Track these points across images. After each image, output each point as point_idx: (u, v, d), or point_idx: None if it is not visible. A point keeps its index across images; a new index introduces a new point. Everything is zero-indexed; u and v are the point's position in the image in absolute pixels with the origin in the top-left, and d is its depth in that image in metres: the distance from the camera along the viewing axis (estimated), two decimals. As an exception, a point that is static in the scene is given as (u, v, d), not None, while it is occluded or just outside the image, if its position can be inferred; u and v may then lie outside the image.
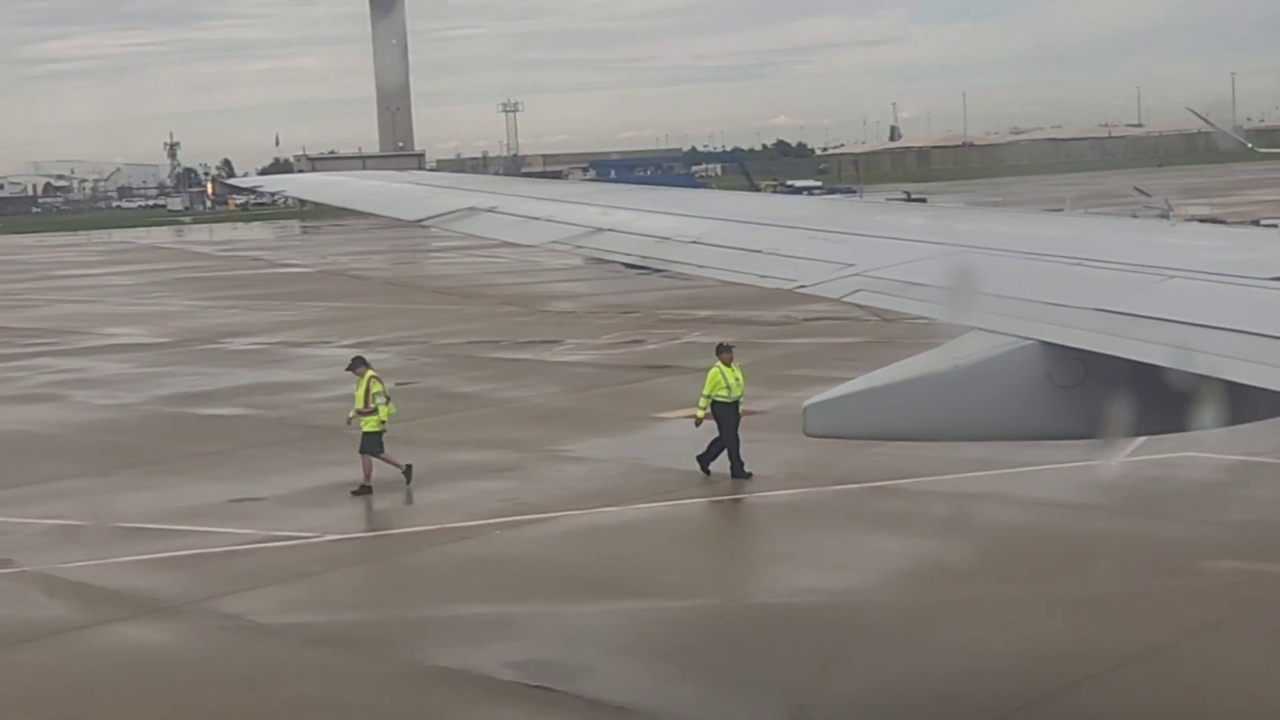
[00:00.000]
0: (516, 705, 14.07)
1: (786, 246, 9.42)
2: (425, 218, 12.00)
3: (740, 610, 16.83)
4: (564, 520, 21.00)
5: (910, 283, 8.33)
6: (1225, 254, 8.74)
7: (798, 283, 8.77)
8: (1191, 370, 6.75)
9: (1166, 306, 7.28)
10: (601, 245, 10.41)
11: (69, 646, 16.58)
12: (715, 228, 10.14)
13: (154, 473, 25.83)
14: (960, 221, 12.20)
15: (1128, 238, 10.09)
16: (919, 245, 9.12)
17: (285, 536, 20.70)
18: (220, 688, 15.00)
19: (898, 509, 21.06)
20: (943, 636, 15.49)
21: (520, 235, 11.07)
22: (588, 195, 12.70)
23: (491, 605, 17.34)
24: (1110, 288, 7.74)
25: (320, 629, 16.72)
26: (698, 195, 15.09)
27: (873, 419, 8.93)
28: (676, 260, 9.81)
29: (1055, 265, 8.47)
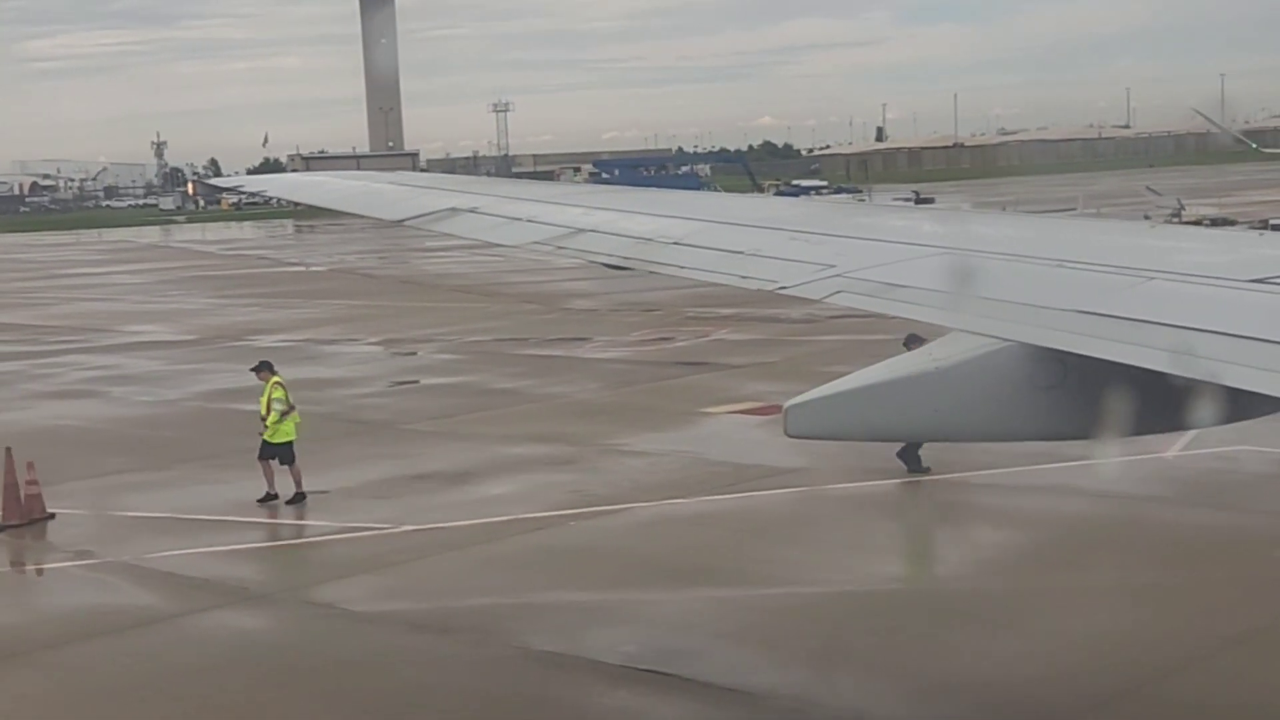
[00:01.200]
0: (630, 688, 14.31)
1: (768, 248, 9.43)
2: (406, 218, 12.07)
3: (834, 598, 17.10)
4: (635, 512, 21.24)
5: (891, 284, 8.34)
6: (1205, 256, 8.79)
7: (779, 284, 8.81)
8: (1171, 372, 6.71)
9: (1146, 308, 7.28)
10: (583, 246, 10.41)
11: (172, 633, 16.81)
12: (697, 229, 10.17)
13: (213, 466, 26.03)
14: (941, 223, 12.31)
15: (1108, 240, 10.15)
16: (900, 247, 9.19)
17: (360, 527, 20.92)
18: (333, 673, 15.24)
19: (962, 500, 21.36)
20: (1038, 623, 15.77)
21: (501, 236, 11.14)
22: (569, 196, 12.78)
23: (583, 593, 17.62)
24: (1090, 289, 7.75)
25: (418, 616, 16.96)
26: (679, 197, 15.22)
27: (854, 420, 8.94)
28: (658, 261, 9.83)
29: (1036, 267, 8.45)
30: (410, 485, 23.64)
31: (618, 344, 40.31)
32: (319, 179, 18.28)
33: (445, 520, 21.19)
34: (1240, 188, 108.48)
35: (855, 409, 8.85)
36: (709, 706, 13.82)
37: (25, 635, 16.88)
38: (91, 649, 16.35)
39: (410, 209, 12.18)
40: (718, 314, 44.36)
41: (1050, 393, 8.35)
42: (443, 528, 20.91)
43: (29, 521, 21.81)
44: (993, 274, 8.27)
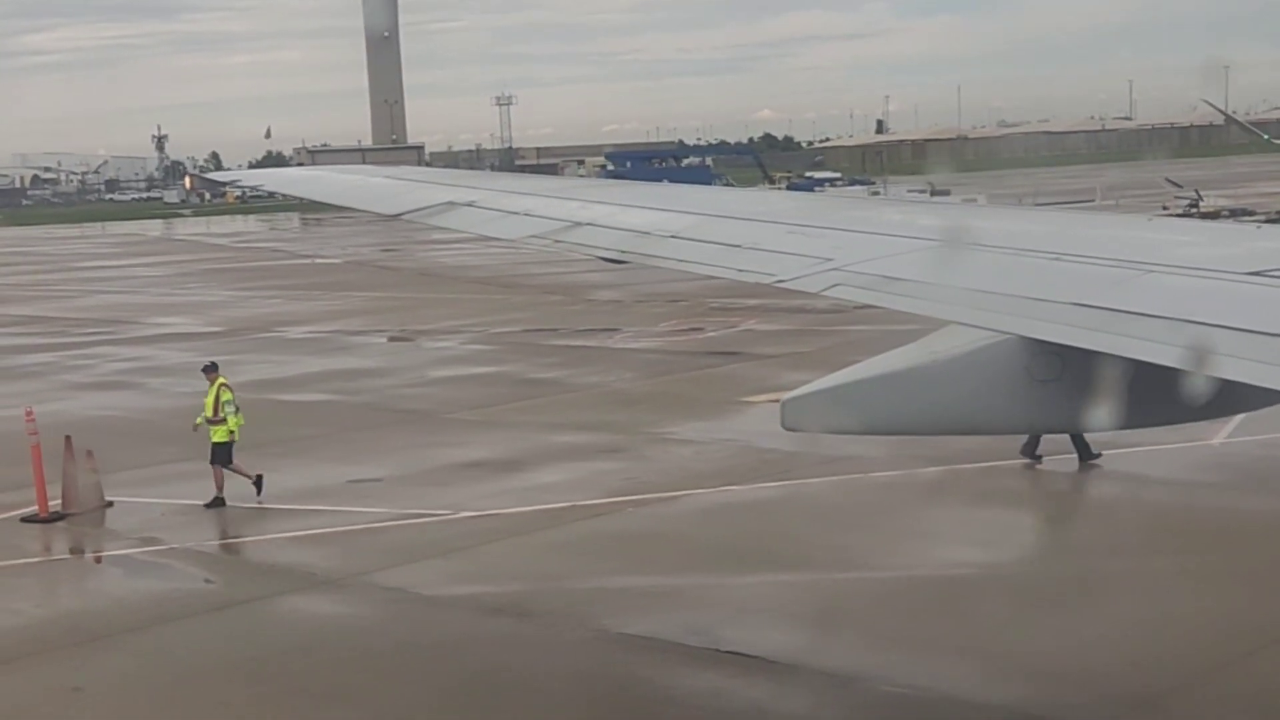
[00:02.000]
0: (717, 669, 14.47)
1: (766, 241, 9.46)
2: (404, 212, 12.13)
3: (904, 581, 17.28)
4: (692, 499, 21.41)
5: (889, 277, 8.33)
6: (1203, 249, 8.77)
7: (776, 277, 8.82)
8: (1169, 364, 6.69)
9: (1144, 301, 7.25)
10: (580, 240, 10.45)
11: (249, 617, 17.00)
12: (694, 223, 10.21)
13: (262, 455, 26.06)
14: (939, 217, 12.26)
15: (1106, 233, 10.13)
16: (898, 240, 9.18)
17: (419, 514, 21.09)
18: (415, 656, 15.40)
19: (1015, 487, 21.53)
20: (1108, 607, 15.93)
21: (499, 230, 11.19)
22: (566, 190, 12.83)
23: (654, 578, 17.80)
24: (1088, 282, 7.71)
25: (492, 600, 17.13)
26: (677, 190, 15.32)
27: (852, 413, 8.94)
28: (656, 255, 9.83)
29: (1034, 260, 8.44)
30: (462, 473, 23.82)
31: (647, 334, 40.48)
32: (316, 173, 18.32)
33: (503, 507, 21.36)
34: (1249, 179, 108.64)
35: (853, 402, 8.84)
36: (800, 688, 13.99)
37: (106, 619, 17.06)
38: (172, 632, 16.53)
39: (407, 203, 12.23)
40: (743, 305, 44.48)
41: (1048, 385, 8.34)
42: (502, 514, 21.08)
43: (88, 509, 21.96)
44: (991, 267, 8.30)
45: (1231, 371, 6.46)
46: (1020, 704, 13.35)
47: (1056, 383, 8.27)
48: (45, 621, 17.24)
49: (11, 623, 17.20)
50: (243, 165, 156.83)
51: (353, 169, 16.64)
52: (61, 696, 14.69)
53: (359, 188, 14.15)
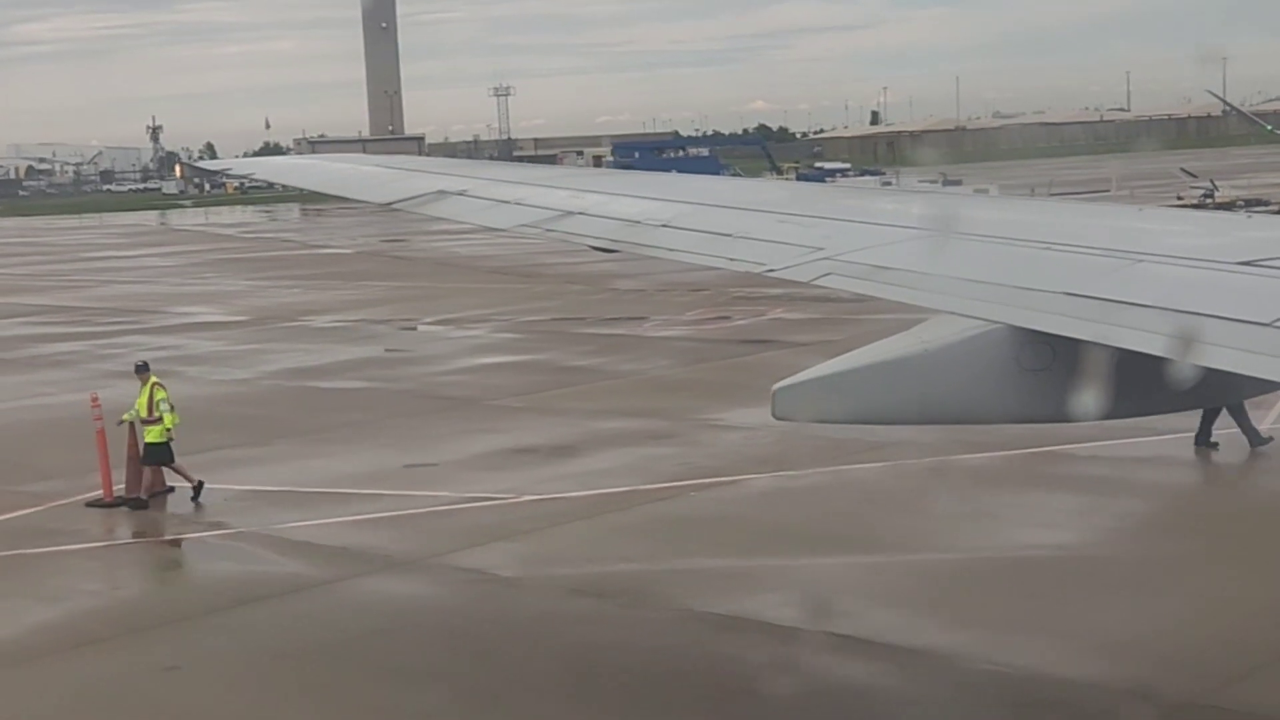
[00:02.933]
0: (809, 647, 14.68)
1: (756, 230, 9.49)
2: (395, 201, 12.15)
3: (974, 563, 17.49)
4: (751, 483, 21.61)
5: (880, 266, 8.35)
6: (1194, 239, 8.78)
7: (767, 266, 8.86)
8: (1158, 354, 6.71)
9: (1134, 291, 7.25)
10: (571, 229, 10.50)
11: (330, 598, 17.19)
12: (685, 211, 10.24)
13: (313, 441, 26.39)
14: (930, 206, 12.33)
15: (1097, 223, 10.16)
16: (888, 229, 9.21)
17: (481, 498, 21.28)
18: (502, 636, 15.61)
19: (1071, 472, 21.68)
20: (1186, 587, 16.16)
21: (490, 219, 11.22)
22: (556, 179, 12.84)
23: (726, 559, 18.01)
24: (1079, 272, 7.71)
25: (570, 581, 17.33)
26: (668, 179, 15.42)
27: (842, 402, 8.95)
28: (647, 243, 9.90)
29: (1024, 249, 8.44)
30: (517, 458, 24.01)
31: (676, 323, 40.68)
32: (307, 162, 18.42)
33: (564, 491, 21.56)
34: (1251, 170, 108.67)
35: (844, 391, 8.86)
36: (896, 665, 14.18)
37: (189, 601, 17.30)
38: (258, 613, 16.73)
39: (399, 192, 12.24)
40: (767, 294, 44.58)
41: (1038, 375, 8.35)
42: (563, 498, 21.27)
43: (150, 495, 22.14)
44: (981, 256, 8.34)
45: (1222, 361, 6.46)
46: (1118, 681, 13.55)
47: (1046, 372, 8.28)
48: (130, 603, 17.47)
49: (96, 604, 17.43)
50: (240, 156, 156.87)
51: (344, 157, 16.71)
52: (159, 676, 14.88)
53: (350, 176, 14.15)
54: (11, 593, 18.08)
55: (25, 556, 19.48)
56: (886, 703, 13.30)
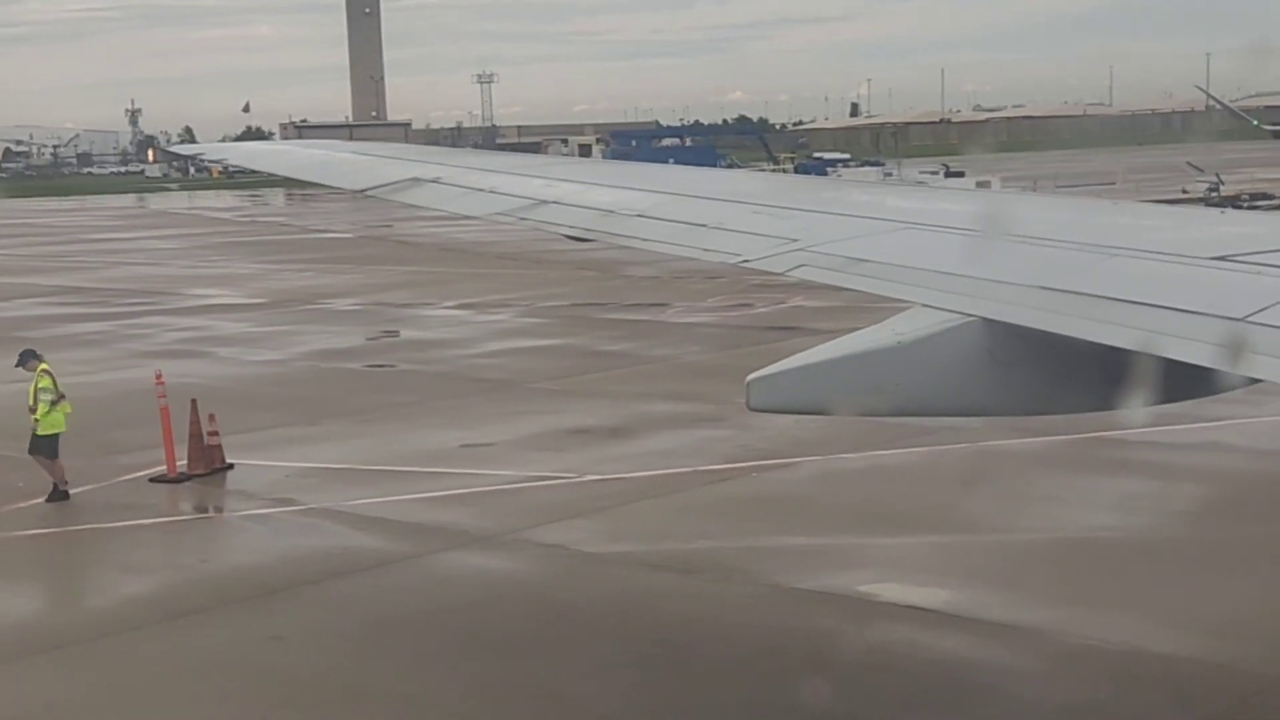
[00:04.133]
0: (903, 622, 15.06)
1: (731, 221, 9.53)
2: (369, 187, 12.19)
3: (1049, 543, 17.88)
4: (808, 465, 21.95)
5: (854, 259, 8.42)
6: (1168, 234, 8.84)
7: (741, 257, 8.92)
8: (1133, 348, 6.76)
9: (1109, 285, 7.27)
10: (546, 217, 10.50)
11: (417, 572, 17.50)
12: (660, 201, 10.28)
13: (362, 421, 26.68)
14: (905, 199, 12.41)
15: (1073, 217, 10.16)
16: (863, 221, 9.29)
17: (545, 477, 21.61)
18: (594, 609, 15.96)
19: (1126, 457, 22.05)
20: (1261, 568, 16.57)
21: (464, 206, 11.27)
22: (531, 167, 12.93)
23: (803, 538, 18.37)
24: (1053, 266, 7.76)
25: (651, 558, 17.68)
26: (642, 169, 15.46)
27: (816, 394, 8.84)
28: (621, 233, 9.92)
29: (1000, 242, 8.48)
30: (570, 439, 24.34)
31: (698, 309, 41.01)
32: (281, 148, 18.50)
33: (626, 471, 21.87)
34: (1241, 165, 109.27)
35: (818, 383, 8.74)
36: (991, 639, 14.53)
37: (278, 574, 17.54)
38: (348, 586, 17.03)
39: (373, 178, 12.31)
40: (784, 282, 44.77)
41: (1012, 368, 8.36)
42: (627, 478, 21.58)
43: (211, 471, 22.43)
44: (956, 249, 8.47)
45: (1195, 355, 6.52)
46: (1211, 655, 13.93)
47: (1019, 365, 8.25)
48: (220, 576, 17.71)
49: (187, 576, 17.70)
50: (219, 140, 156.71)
51: (319, 144, 16.74)
52: (267, 645, 15.18)
53: (324, 162, 14.17)
54: (99, 565, 18.40)
55: (103, 530, 19.76)
56: (989, 674, 13.65)
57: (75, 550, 18.95)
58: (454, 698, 13.51)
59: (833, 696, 13.09)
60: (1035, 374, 8.20)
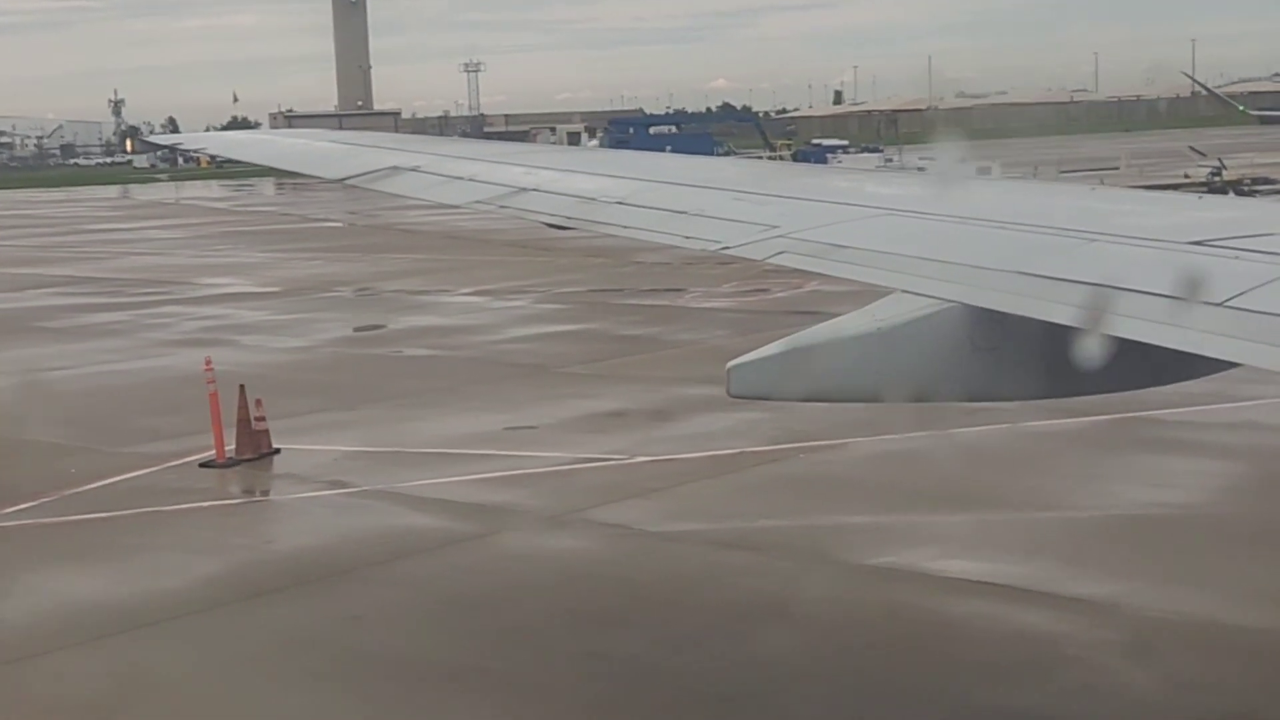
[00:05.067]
0: (978, 597, 15.26)
1: (711, 208, 9.53)
2: (347, 176, 12.18)
3: (1105, 520, 18.10)
4: (855, 446, 22.12)
5: (834, 245, 8.40)
6: (1146, 219, 8.77)
7: (721, 244, 8.92)
8: (1111, 333, 6.76)
9: (1087, 270, 7.28)
10: (525, 205, 10.47)
11: (486, 551, 17.70)
12: (640, 188, 10.21)
13: (400, 406, 26.85)
14: (884, 185, 12.40)
15: (1052, 202, 10.19)
16: (844, 208, 9.25)
17: (594, 459, 21.81)
18: (671, 586, 16.16)
19: (1167, 436, 22.28)
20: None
21: (443, 195, 11.29)
22: (511, 155, 12.97)
23: (864, 516, 18.60)
24: (1032, 251, 7.77)
25: (718, 536, 17.88)
26: (623, 155, 15.48)
27: (796, 380, 9.07)
28: (601, 221, 9.88)
29: (979, 228, 8.46)
30: (612, 422, 24.53)
31: (715, 295, 41.18)
32: (261, 137, 18.44)
33: (675, 453, 22.06)
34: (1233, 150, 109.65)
35: (799, 369, 8.97)
36: (1067, 613, 14.71)
37: (346, 554, 17.70)
38: (417, 565, 17.20)
39: (352, 167, 12.28)
40: (798, 267, 45.15)
41: (991, 354, 8.45)
42: (677, 459, 21.77)
43: (259, 456, 22.59)
44: (935, 235, 8.45)
45: (1174, 340, 6.56)
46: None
47: (999, 350, 8.34)
48: (288, 556, 17.89)
49: (255, 557, 17.87)
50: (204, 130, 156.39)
51: (298, 133, 16.79)
52: (347, 624, 15.35)
53: (304, 152, 14.10)
54: (165, 547, 18.53)
55: (162, 513, 19.91)
56: (1074, 646, 13.84)
57: (139, 533, 19.08)
58: (546, 674, 13.69)
59: (925, 668, 13.32)
60: (1015, 359, 8.32)
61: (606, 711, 12.70)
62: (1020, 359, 8.31)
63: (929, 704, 12.64)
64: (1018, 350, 8.29)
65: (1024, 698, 12.73)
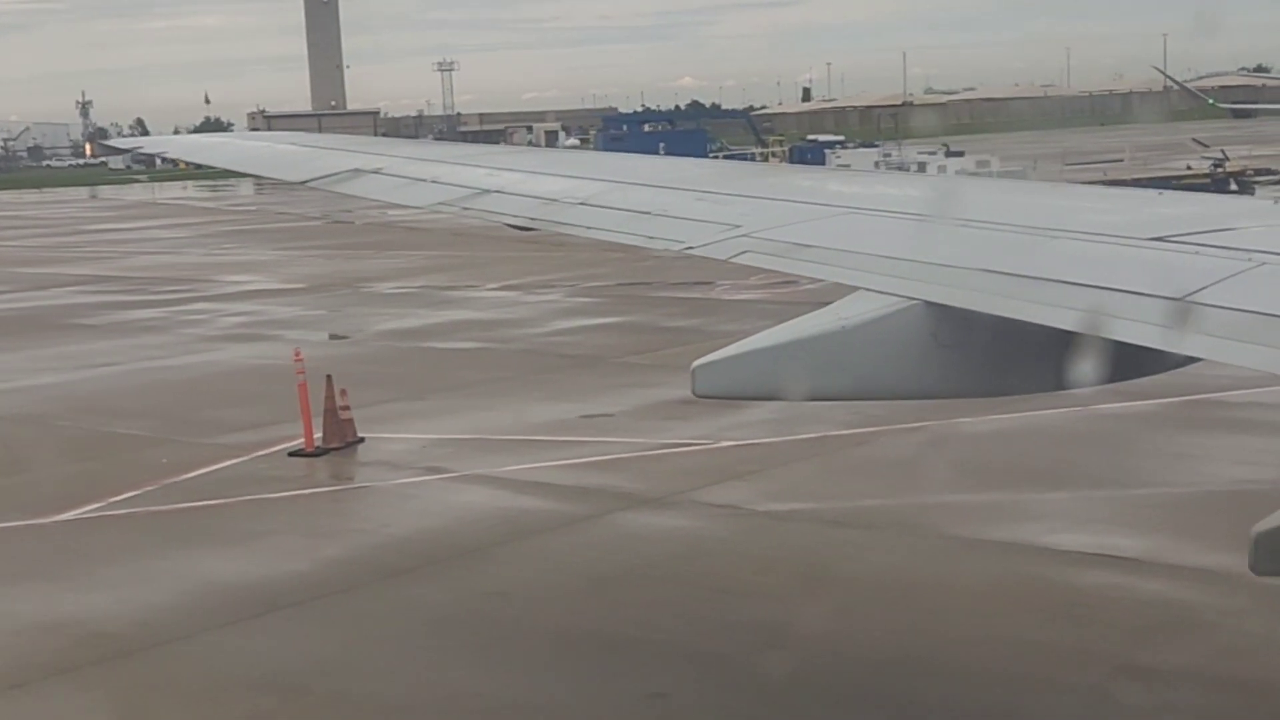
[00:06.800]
0: (1103, 569, 15.73)
1: (674, 208, 9.56)
2: (309, 179, 12.27)
3: (1202, 496, 18.64)
4: (933, 429, 22.53)
5: (796, 244, 8.50)
6: (1108, 215, 8.87)
7: (685, 244, 8.99)
8: (1073, 329, 6.83)
9: (1050, 267, 7.35)
10: (488, 207, 10.52)
11: (606, 530, 18.13)
12: (603, 189, 10.21)
13: (467, 396, 27.25)
14: (846, 184, 12.64)
15: (1014, 199, 10.27)
16: (805, 207, 9.31)
17: (679, 443, 22.25)
18: (803, 559, 16.68)
19: (1236, 416, 22.88)
20: None
21: (406, 197, 11.38)
22: (474, 156, 13.03)
23: (964, 494, 19.07)
24: (995, 248, 7.86)
25: (828, 515, 18.37)
26: (586, 157, 15.62)
27: (761, 379, 8.92)
28: (564, 222, 9.94)
29: (941, 226, 8.56)
30: (686, 409, 24.80)
31: (744, 287, 41.60)
32: (221, 140, 18.56)
33: (758, 438, 22.49)
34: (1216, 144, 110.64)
35: (763, 369, 8.83)
36: (1194, 582, 15.23)
37: (467, 535, 18.11)
38: (545, 544, 17.64)
39: (314, 170, 12.33)
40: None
41: (955, 351, 8.45)
42: (761, 443, 22.20)
43: (345, 445, 22.96)
44: (899, 233, 8.64)
45: (1135, 335, 6.63)
46: None
47: (962, 348, 8.30)
48: (412, 538, 18.24)
49: (377, 540, 18.25)
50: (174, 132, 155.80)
51: (259, 135, 16.93)
52: (490, 600, 15.77)
53: (265, 155, 14.14)
54: (282, 531, 18.91)
55: (268, 500, 20.28)
56: (1210, 612, 14.36)
57: (252, 519, 19.41)
58: (707, 642, 14.12)
59: (1080, 630, 13.83)
60: (979, 356, 8.32)
61: (783, 683, 13.10)
62: (985, 356, 8.34)
63: (1099, 663, 13.15)
64: (983, 347, 8.30)
65: (1179, 657, 13.24)
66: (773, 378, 8.85)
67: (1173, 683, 12.78)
